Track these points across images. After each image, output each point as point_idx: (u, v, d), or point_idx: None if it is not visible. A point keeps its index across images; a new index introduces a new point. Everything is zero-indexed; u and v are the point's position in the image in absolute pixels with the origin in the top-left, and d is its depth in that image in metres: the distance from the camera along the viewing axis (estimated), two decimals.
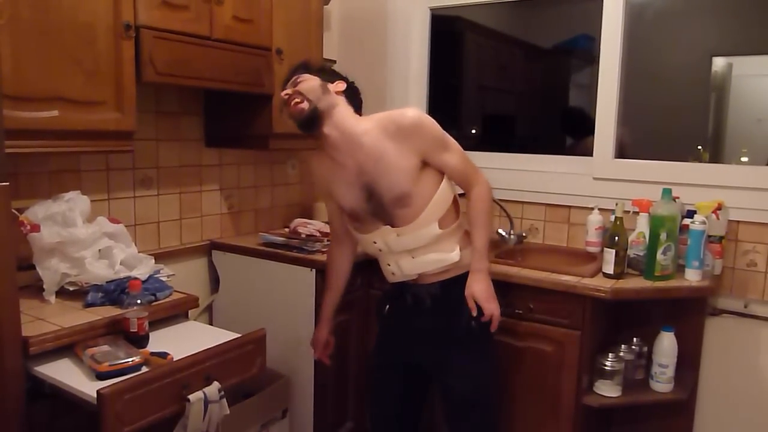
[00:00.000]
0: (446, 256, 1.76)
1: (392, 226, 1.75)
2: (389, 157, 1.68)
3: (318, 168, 1.89)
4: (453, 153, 1.75)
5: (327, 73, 1.81)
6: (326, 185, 1.89)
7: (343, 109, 1.75)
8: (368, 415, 1.97)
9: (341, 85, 1.78)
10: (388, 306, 1.91)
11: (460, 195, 1.83)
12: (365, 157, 1.71)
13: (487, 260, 1.78)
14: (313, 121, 1.71)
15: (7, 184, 1.39)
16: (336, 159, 1.78)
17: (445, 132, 1.74)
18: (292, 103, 1.72)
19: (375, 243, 1.80)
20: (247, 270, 2.46)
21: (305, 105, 1.70)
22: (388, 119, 1.70)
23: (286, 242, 2.41)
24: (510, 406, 2.14)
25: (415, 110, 1.71)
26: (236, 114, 2.42)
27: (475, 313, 1.74)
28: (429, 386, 1.96)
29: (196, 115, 2.47)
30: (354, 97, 1.80)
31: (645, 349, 2.19)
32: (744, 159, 2.69)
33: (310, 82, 1.73)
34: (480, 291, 1.73)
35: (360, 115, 1.80)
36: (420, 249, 1.75)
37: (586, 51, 3.01)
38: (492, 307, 1.74)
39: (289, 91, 1.74)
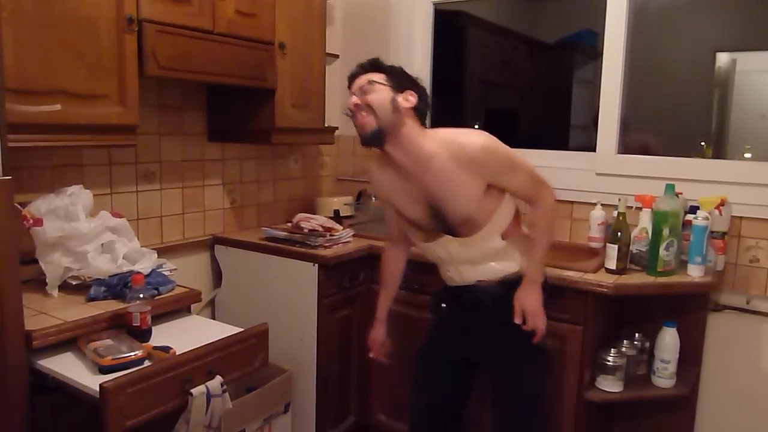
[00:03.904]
0: (508, 264, 1.74)
1: (454, 236, 1.72)
2: (457, 184, 1.63)
3: (378, 174, 1.82)
4: (519, 174, 1.68)
5: (398, 79, 1.67)
6: (385, 192, 1.83)
7: (409, 130, 1.65)
8: (410, 407, 1.95)
9: (412, 99, 1.66)
10: (445, 305, 1.87)
11: None
12: (432, 180, 1.65)
13: (543, 272, 1.75)
14: (375, 141, 1.65)
15: (10, 178, 1.40)
16: (400, 173, 1.72)
17: (512, 153, 1.67)
18: (358, 115, 1.64)
19: (436, 251, 1.78)
20: (249, 265, 2.46)
21: (371, 122, 1.62)
22: (457, 145, 1.62)
23: (289, 237, 2.41)
24: None
25: (484, 137, 1.63)
26: (239, 108, 2.42)
27: (519, 321, 1.71)
28: (474, 382, 1.93)
29: (198, 110, 2.47)
30: (422, 107, 1.69)
31: (647, 344, 2.19)
32: (747, 155, 2.68)
33: (381, 94, 1.63)
34: (530, 303, 1.70)
35: (424, 124, 1.71)
36: (482, 258, 1.73)
37: (590, 46, 3.00)
38: (538, 322, 1.72)
39: (357, 101, 1.64)
